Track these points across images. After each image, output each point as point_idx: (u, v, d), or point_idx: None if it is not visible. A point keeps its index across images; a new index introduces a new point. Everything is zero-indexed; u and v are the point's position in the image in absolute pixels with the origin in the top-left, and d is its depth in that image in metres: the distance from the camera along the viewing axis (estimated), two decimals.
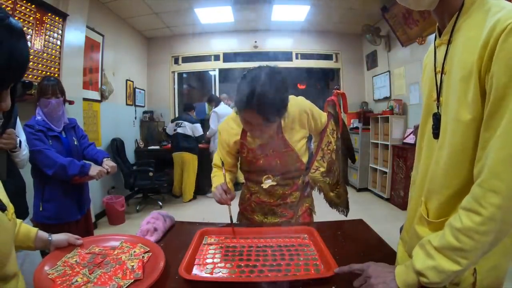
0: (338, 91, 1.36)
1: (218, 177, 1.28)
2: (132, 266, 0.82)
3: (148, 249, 0.92)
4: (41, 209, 1.65)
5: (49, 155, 1.59)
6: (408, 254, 0.77)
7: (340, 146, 1.35)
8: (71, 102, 2.80)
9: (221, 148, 1.31)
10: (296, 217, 1.33)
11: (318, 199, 1.41)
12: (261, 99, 0.97)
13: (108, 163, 1.79)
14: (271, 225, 1.28)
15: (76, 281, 0.76)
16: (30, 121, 1.67)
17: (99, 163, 1.80)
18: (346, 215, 1.39)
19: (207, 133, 4.56)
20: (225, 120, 1.31)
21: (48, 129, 1.67)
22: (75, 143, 1.81)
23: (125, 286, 0.74)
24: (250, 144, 1.23)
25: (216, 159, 1.34)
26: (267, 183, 1.27)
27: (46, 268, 0.81)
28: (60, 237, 0.90)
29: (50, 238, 0.88)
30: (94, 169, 1.68)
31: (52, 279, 0.76)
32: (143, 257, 0.87)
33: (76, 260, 0.85)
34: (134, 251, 0.90)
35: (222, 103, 4.63)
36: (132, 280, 0.76)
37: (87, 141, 1.94)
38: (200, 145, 4.61)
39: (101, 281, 0.76)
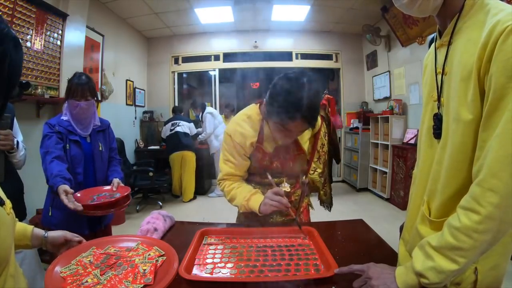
0: (329, 96, 1.42)
1: (241, 188, 1.20)
2: (144, 270, 0.80)
3: (163, 252, 0.89)
4: (50, 214, 1.56)
5: (44, 161, 1.42)
6: (409, 254, 0.77)
7: (328, 147, 1.42)
8: None
9: (234, 153, 1.20)
10: (299, 214, 1.34)
11: (312, 197, 1.49)
12: (313, 108, 0.98)
13: (114, 183, 1.54)
14: (271, 225, 1.28)
15: (86, 281, 0.75)
16: (53, 119, 1.56)
17: (108, 182, 1.58)
18: (330, 210, 1.48)
19: (203, 134, 4.57)
20: (236, 123, 1.21)
21: (69, 132, 1.53)
22: (100, 148, 1.63)
23: None
24: (266, 148, 1.20)
25: (227, 168, 1.22)
26: (287, 185, 1.25)
27: (59, 266, 0.81)
28: (55, 234, 0.88)
29: (45, 235, 0.87)
30: (65, 198, 1.26)
31: (63, 277, 0.76)
32: (157, 261, 0.85)
33: (90, 260, 0.84)
34: (149, 254, 0.88)
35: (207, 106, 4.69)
36: (142, 285, 0.74)
37: (113, 154, 1.74)
38: (199, 146, 4.64)
39: (110, 284, 0.75)
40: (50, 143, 1.48)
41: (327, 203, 1.48)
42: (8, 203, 0.68)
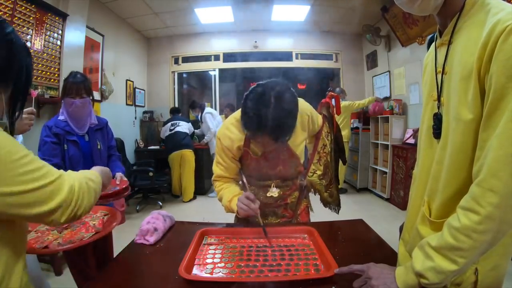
0: (333, 93, 1.37)
1: (228, 189, 1.21)
2: (94, 224, 1.05)
3: (107, 212, 1.16)
4: None
5: None
6: (409, 254, 0.77)
7: (333, 147, 1.37)
8: None
9: (223, 156, 1.22)
10: (296, 216, 1.34)
11: (314, 199, 1.44)
12: (277, 125, 0.94)
13: (117, 177, 1.56)
14: (271, 225, 1.28)
15: (48, 238, 0.94)
16: (50, 120, 1.58)
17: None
18: (338, 213, 1.42)
19: (208, 135, 4.58)
20: (224, 126, 1.23)
21: (67, 132, 1.54)
22: (99, 147, 1.64)
23: (88, 237, 0.96)
24: (254, 153, 1.19)
25: (217, 170, 1.25)
26: (275, 191, 1.25)
27: None
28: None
29: None
30: None
31: (28, 242, 0.88)
32: (103, 218, 1.12)
33: (46, 228, 1.02)
34: (96, 215, 1.14)
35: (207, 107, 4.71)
36: (94, 232, 0.99)
37: (112, 152, 1.76)
38: (199, 146, 4.65)
39: (67, 236, 0.96)
40: (46, 150, 1.50)
41: (334, 206, 1.41)
42: None
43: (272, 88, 0.97)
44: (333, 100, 1.40)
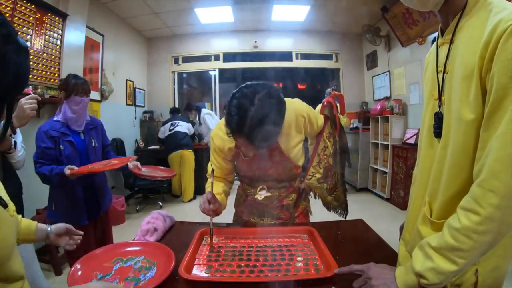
0: (336, 92, 1.31)
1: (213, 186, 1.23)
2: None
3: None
4: (53, 208, 1.64)
5: (36, 167, 1.53)
6: (410, 255, 0.77)
7: (337, 149, 1.32)
8: None
9: (215, 155, 1.24)
10: (293, 219, 1.32)
11: (314, 201, 1.41)
12: (255, 130, 0.90)
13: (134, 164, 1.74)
14: (272, 225, 1.28)
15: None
16: (45, 124, 1.59)
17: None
18: (345, 218, 1.38)
19: (208, 134, 4.59)
20: (218, 126, 1.23)
21: (62, 134, 1.57)
22: (93, 144, 1.70)
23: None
24: (244, 154, 1.19)
25: (209, 169, 1.27)
26: (262, 194, 1.23)
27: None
28: (59, 226, 0.95)
29: (49, 229, 0.92)
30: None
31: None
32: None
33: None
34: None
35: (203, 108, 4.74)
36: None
37: (108, 150, 1.85)
38: (199, 145, 4.64)
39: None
40: (38, 154, 1.54)
41: (341, 209, 1.37)
42: (11, 206, 0.69)
43: (256, 92, 0.93)
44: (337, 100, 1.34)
